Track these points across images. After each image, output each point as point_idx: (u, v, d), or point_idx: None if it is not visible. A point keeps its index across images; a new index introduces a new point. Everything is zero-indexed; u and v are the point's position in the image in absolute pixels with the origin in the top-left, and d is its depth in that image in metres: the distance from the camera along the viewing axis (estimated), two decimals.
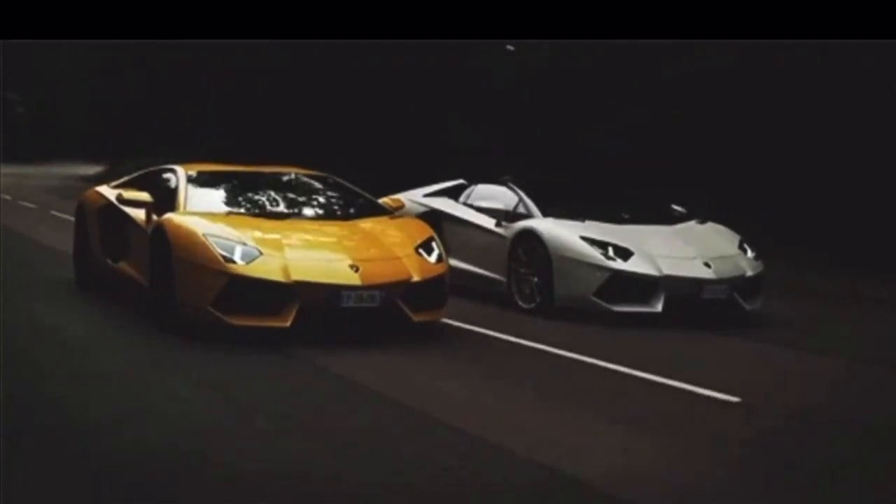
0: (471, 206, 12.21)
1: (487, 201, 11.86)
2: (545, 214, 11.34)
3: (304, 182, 11.12)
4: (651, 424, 6.61)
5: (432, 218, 12.21)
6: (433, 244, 9.67)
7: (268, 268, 8.65)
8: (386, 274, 8.95)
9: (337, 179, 11.24)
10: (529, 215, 11.41)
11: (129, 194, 10.24)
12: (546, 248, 10.74)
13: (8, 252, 14.95)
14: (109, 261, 10.79)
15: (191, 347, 8.43)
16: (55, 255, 14.41)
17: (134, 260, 10.20)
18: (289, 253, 8.86)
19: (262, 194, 10.43)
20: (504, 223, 11.48)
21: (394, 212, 10.58)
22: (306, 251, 9.07)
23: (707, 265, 10.66)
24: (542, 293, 10.75)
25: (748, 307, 10.87)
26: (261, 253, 8.76)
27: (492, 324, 9.95)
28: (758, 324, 10.65)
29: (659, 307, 10.38)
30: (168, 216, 9.43)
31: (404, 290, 8.97)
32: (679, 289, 10.44)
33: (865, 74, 15.63)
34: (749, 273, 10.94)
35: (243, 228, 9.17)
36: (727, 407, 7.10)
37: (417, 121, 23.69)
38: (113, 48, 36.00)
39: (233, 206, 10.00)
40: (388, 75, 24.35)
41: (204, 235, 8.87)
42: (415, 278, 9.07)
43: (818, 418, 6.99)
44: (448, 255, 11.93)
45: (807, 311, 12.27)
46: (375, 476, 5.38)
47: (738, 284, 10.77)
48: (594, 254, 10.51)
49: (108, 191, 11.40)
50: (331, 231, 9.59)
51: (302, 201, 10.53)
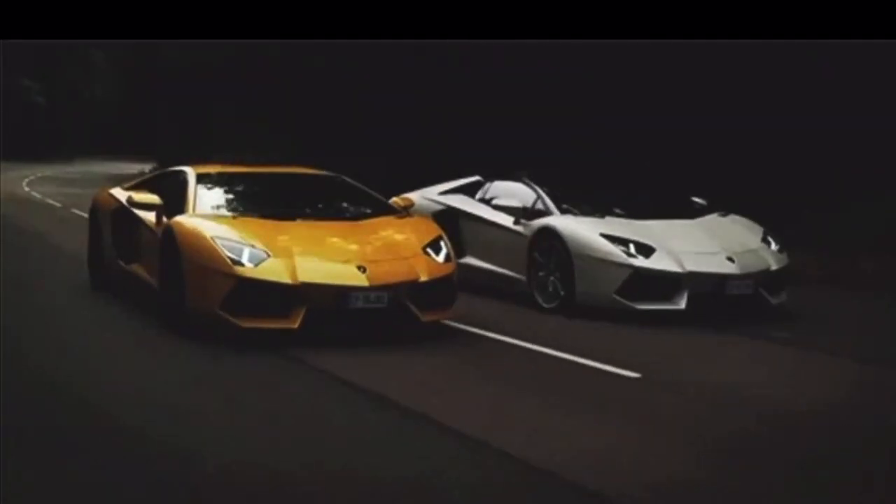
0: (488, 204, 12.02)
1: (504, 198, 11.64)
2: (563, 211, 11.13)
3: (313, 182, 11.03)
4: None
5: (449, 216, 12.11)
6: (441, 243, 9.54)
7: (275, 270, 8.60)
8: (394, 274, 8.85)
9: (345, 179, 11.13)
10: (548, 212, 11.20)
11: (140, 197, 10.22)
12: (566, 247, 10.53)
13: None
14: (122, 262, 10.76)
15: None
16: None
17: (145, 262, 10.18)
18: (296, 254, 8.78)
19: (271, 195, 10.38)
20: (522, 220, 11.28)
21: (402, 211, 10.44)
22: (314, 253, 8.97)
23: (731, 260, 10.40)
24: (564, 292, 10.55)
25: (774, 301, 10.60)
26: (268, 255, 8.71)
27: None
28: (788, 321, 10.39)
29: (682, 304, 10.16)
30: (177, 219, 9.39)
31: (412, 291, 8.87)
32: (702, 285, 10.21)
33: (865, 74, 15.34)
34: (774, 267, 10.67)
35: (251, 230, 9.11)
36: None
37: (439, 120, 23.54)
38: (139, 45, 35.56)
39: (241, 208, 9.95)
40: (410, 74, 24.24)
41: (212, 238, 8.83)
42: (423, 278, 8.97)
43: None
44: (465, 254, 11.86)
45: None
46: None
47: (763, 279, 10.51)
48: (615, 251, 10.30)
49: (121, 193, 11.38)
50: (339, 232, 9.51)
51: (310, 202, 10.44)
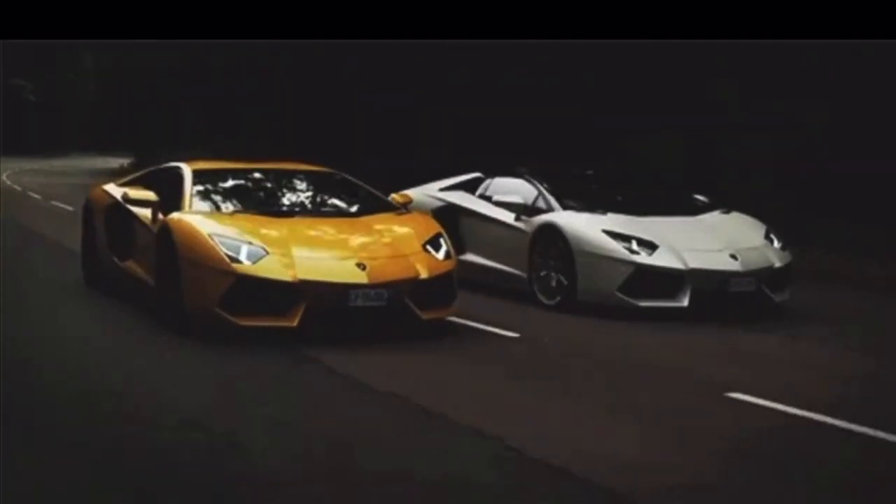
0: (488, 200, 11.88)
1: (505, 195, 11.51)
2: (565, 207, 11.02)
3: (311, 179, 10.88)
4: None
5: (449, 212, 11.99)
6: (441, 240, 9.42)
7: (274, 267, 8.47)
8: (393, 272, 8.73)
9: (344, 175, 11.00)
10: (549, 209, 11.08)
11: (135, 193, 10.06)
12: (568, 243, 10.43)
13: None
14: (116, 259, 10.61)
15: None
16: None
17: (140, 259, 10.03)
18: (295, 252, 8.66)
19: (269, 192, 10.26)
20: (523, 217, 11.16)
21: (401, 208, 10.32)
22: (313, 250, 8.85)
23: (733, 257, 10.32)
24: (565, 289, 10.44)
25: (777, 299, 10.51)
26: (267, 252, 8.58)
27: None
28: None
29: (685, 302, 10.07)
30: (173, 215, 9.26)
31: (412, 288, 8.76)
32: (705, 282, 10.12)
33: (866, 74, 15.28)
34: (777, 264, 10.58)
35: (249, 227, 8.99)
36: None
37: (440, 119, 23.49)
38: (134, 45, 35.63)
39: (239, 205, 9.81)
40: (409, 74, 24.17)
41: (209, 235, 8.70)
42: (423, 276, 8.85)
43: None
44: (466, 251, 11.74)
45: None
46: None
47: (766, 276, 10.41)
48: (617, 248, 10.20)
49: (115, 189, 11.22)
50: (338, 229, 9.39)
51: (308, 198, 10.33)
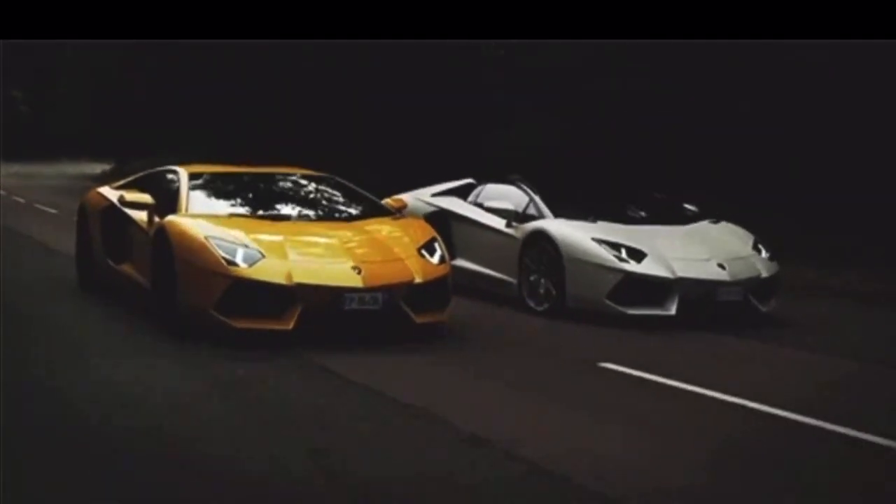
0: (480, 206, 11.99)
1: (497, 201, 11.63)
2: (556, 215, 11.13)
3: (307, 183, 10.98)
4: None
5: (441, 218, 12.07)
6: (435, 245, 9.53)
7: (270, 270, 8.55)
8: (388, 276, 8.82)
9: (339, 180, 11.09)
10: (540, 216, 11.19)
11: (131, 196, 10.12)
12: (558, 250, 10.54)
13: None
14: (111, 262, 10.67)
15: None
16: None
17: (136, 262, 10.10)
18: (291, 255, 8.75)
19: (265, 196, 10.33)
20: (514, 224, 11.27)
21: (396, 212, 10.42)
22: (308, 253, 8.95)
23: (721, 266, 10.43)
24: (554, 295, 10.55)
25: (764, 309, 10.63)
26: (263, 255, 8.66)
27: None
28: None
29: (673, 310, 10.17)
30: (170, 218, 9.32)
31: (407, 292, 8.85)
32: (693, 291, 10.23)
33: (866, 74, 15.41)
34: (764, 274, 10.71)
35: (245, 230, 9.06)
36: None
37: (436, 120, 23.52)
38: (120, 46, 35.66)
39: (235, 208, 9.91)
40: (410, 74, 24.20)
41: (206, 238, 8.77)
42: (417, 280, 8.94)
43: None
44: (457, 256, 11.82)
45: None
46: None
47: (753, 286, 10.54)
48: (607, 255, 10.31)
49: (110, 192, 11.28)
50: (333, 233, 9.47)
51: (304, 202, 10.42)
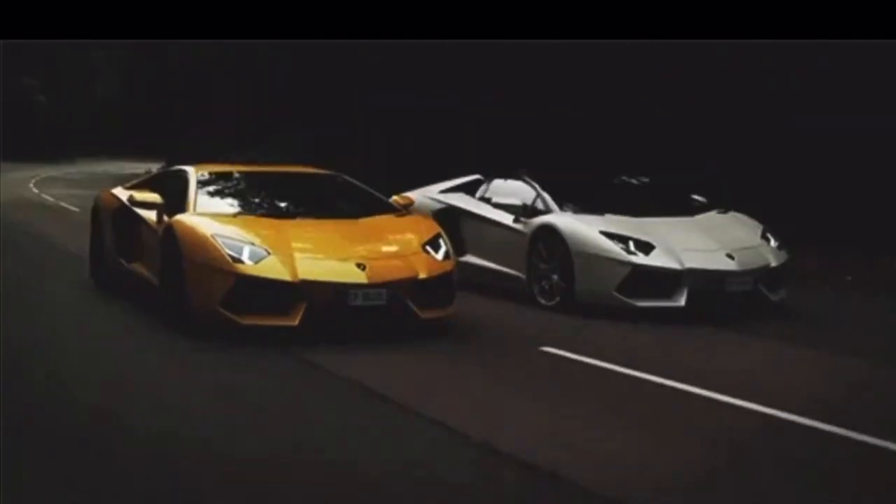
0: (488, 202, 12.04)
1: (504, 196, 11.68)
2: (563, 209, 11.16)
3: (313, 181, 11.06)
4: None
5: (449, 214, 12.15)
6: (440, 241, 9.57)
7: (275, 267, 8.63)
8: (393, 272, 8.88)
9: (345, 178, 11.15)
10: (547, 210, 11.22)
11: (141, 196, 10.27)
12: (566, 244, 10.56)
13: None
14: (123, 261, 10.81)
15: None
16: None
17: (146, 260, 10.22)
18: (296, 252, 8.82)
19: (271, 194, 10.41)
20: (522, 219, 11.31)
21: (402, 209, 10.48)
22: (314, 250, 9.01)
23: (730, 257, 10.43)
24: (563, 290, 10.57)
25: (774, 298, 10.62)
26: (268, 253, 8.74)
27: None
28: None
29: (682, 301, 10.17)
30: (178, 217, 9.43)
31: (411, 288, 8.89)
32: (702, 282, 10.23)
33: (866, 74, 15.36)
34: (773, 263, 10.70)
35: (251, 228, 9.16)
36: None
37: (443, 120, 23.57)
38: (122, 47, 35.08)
39: (242, 206, 9.99)
40: (409, 74, 24.27)
41: (212, 236, 8.87)
42: (422, 276, 8.98)
43: None
44: (465, 252, 11.87)
45: None
46: None
47: (763, 275, 10.52)
48: (615, 248, 10.32)
49: (122, 192, 11.44)
50: (338, 230, 9.54)
51: (310, 200, 10.47)
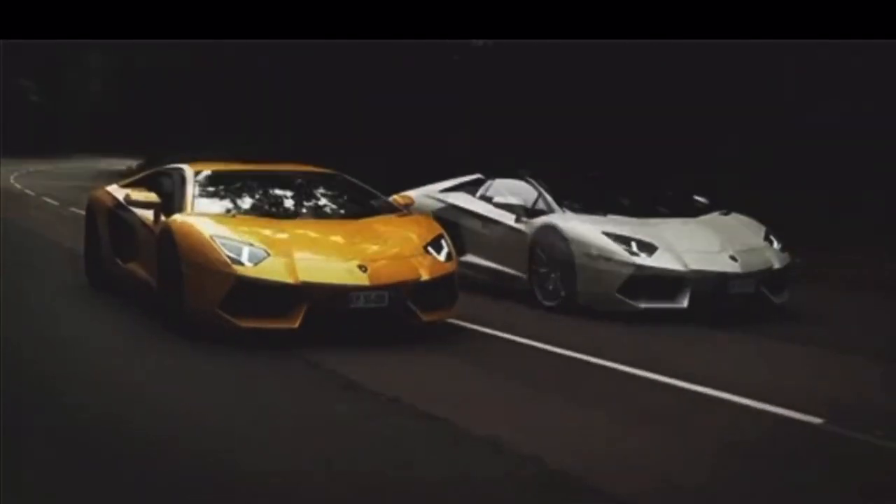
0: (489, 201, 11.93)
1: (506, 196, 11.57)
2: (565, 209, 11.05)
3: (312, 180, 10.91)
4: None
5: (450, 213, 12.05)
6: (442, 242, 9.45)
7: (275, 269, 8.50)
8: (394, 273, 8.76)
9: (345, 177, 11.01)
10: (549, 210, 11.12)
11: (137, 195, 10.09)
12: (568, 245, 10.46)
13: None
14: (119, 261, 10.66)
15: None
16: None
17: (143, 261, 10.05)
18: (296, 253, 8.69)
19: (270, 193, 10.28)
20: (524, 218, 11.21)
21: (403, 209, 10.36)
22: (314, 251, 8.88)
23: (733, 258, 10.34)
24: (565, 290, 10.48)
25: (777, 301, 10.53)
26: (268, 254, 8.61)
27: None
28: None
29: (685, 303, 10.09)
30: (175, 217, 9.29)
31: (413, 290, 8.78)
32: (705, 284, 10.13)
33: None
34: (776, 265, 10.61)
35: (250, 229, 9.03)
36: None
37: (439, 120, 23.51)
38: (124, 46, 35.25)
39: (240, 206, 9.85)
40: (409, 74, 24.21)
41: (211, 237, 8.73)
42: (424, 277, 8.87)
43: None
44: (466, 252, 11.78)
45: None
46: None
47: (766, 278, 10.44)
48: (617, 249, 10.23)
49: (117, 190, 11.26)
50: (339, 230, 9.42)
51: (310, 200, 10.35)
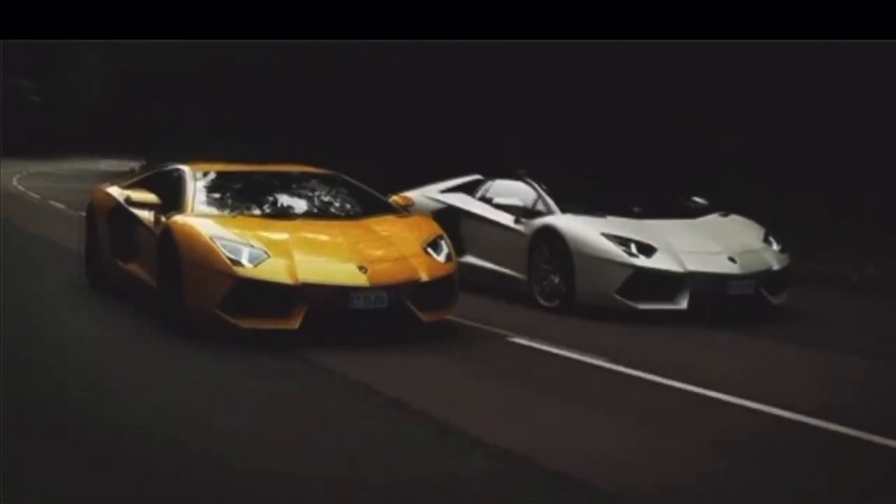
0: (488, 202, 11.93)
1: (505, 197, 11.58)
2: (564, 210, 11.06)
3: (312, 181, 10.93)
4: None
5: (449, 214, 12.05)
6: (442, 242, 9.47)
7: (275, 270, 8.52)
8: (394, 274, 8.78)
9: (345, 177, 11.02)
10: (549, 211, 11.13)
11: (137, 196, 10.11)
12: (567, 246, 10.48)
13: None
14: (119, 262, 10.67)
15: None
16: None
17: (143, 261, 10.07)
18: (296, 254, 8.71)
19: (270, 194, 10.28)
20: (523, 219, 11.21)
21: (402, 210, 10.38)
22: (314, 252, 8.91)
23: (732, 260, 10.36)
24: (564, 291, 10.49)
25: (775, 302, 10.56)
26: (268, 255, 8.63)
27: None
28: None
29: (684, 304, 10.11)
30: (175, 218, 9.31)
31: (413, 290, 8.80)
32: (704, 285, 10.16)
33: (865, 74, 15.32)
34: (775, 267, 10.63)
35: (250, 230, 9.04)
36: None
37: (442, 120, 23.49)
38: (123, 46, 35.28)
39: (240, 207, 9.85)
40: (409, 74, 24.19)
41: (210, 238, 8.75)
42: (423, 278, 8.89)
43: None
44: (466, 253, 11.78)
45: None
46: None
47: (765, 279, 10.46)
48: (616, 251, 10.25)
49: (118, 191, 11.26)
50: (339, 231, 9.44)
51: (309, 201, 10.36)
